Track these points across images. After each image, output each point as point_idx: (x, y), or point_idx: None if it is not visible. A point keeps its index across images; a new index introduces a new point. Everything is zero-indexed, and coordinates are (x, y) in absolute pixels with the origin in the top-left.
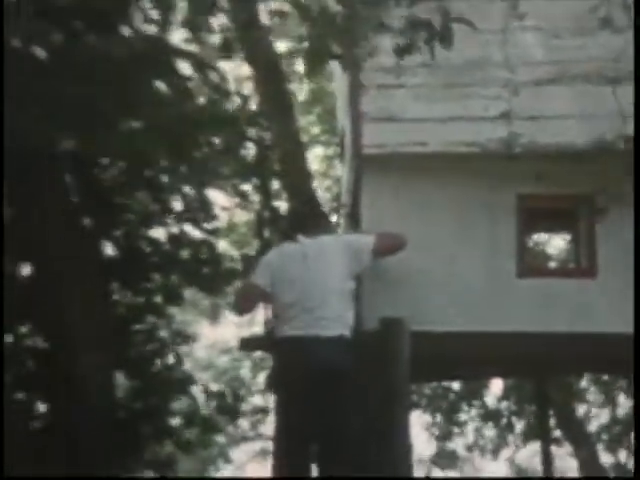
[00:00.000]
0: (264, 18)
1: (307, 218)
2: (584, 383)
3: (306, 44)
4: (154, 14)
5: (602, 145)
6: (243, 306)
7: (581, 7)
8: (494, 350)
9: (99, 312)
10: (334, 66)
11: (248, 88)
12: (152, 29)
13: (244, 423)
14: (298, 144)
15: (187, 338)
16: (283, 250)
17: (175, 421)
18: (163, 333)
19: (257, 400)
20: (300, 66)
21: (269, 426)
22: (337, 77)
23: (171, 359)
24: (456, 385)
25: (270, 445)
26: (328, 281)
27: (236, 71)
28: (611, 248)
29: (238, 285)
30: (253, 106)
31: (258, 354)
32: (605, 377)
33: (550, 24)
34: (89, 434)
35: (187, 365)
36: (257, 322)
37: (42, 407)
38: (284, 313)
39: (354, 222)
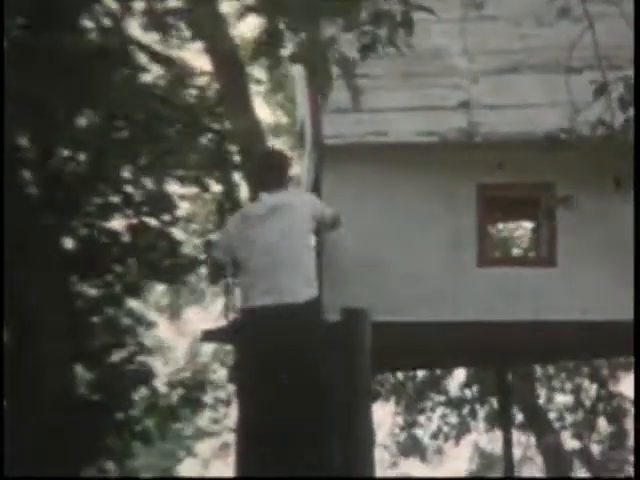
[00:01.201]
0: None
1: (267, 171)
2: (549, 370)
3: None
4: (113, 5)
5: (561, 133)
6: (211, 279)
7: None
8: (456, 339)
9: (58, 303)
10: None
11: (206, 78)
12: (109, 21)
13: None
14: (258, 134)
15: (149, 324)
16: (243, 212)
17: (134, 412)
18: (125, 322)
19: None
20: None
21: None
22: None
23: (131, 349)
24: (420, 374)
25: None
26: (291, 238)
27: (194, 61)
28: (572, 237)
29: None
30: (211, 95)
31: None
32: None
33: (509, 13)
34: (46, 424)
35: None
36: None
37: None
38: (246, 278)
39: None
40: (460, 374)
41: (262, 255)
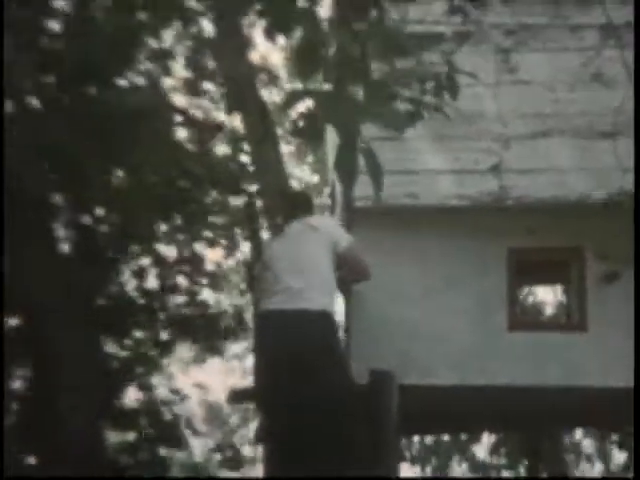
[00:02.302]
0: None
1: (293, 209)
2: (577, 436)
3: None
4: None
5: (594, 200)
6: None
7: (574, 61)
8: (484, 404)
9: (88, 361)
10: None
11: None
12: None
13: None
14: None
15: (183, 396)
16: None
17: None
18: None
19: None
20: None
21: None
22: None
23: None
24: (447, 438)
25: None
26: (311, 249)
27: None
28: (603, 302)
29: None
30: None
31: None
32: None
33: (542, 77)
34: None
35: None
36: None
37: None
38: (264, 284)
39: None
40: (488, 439)
41: (280, 261)
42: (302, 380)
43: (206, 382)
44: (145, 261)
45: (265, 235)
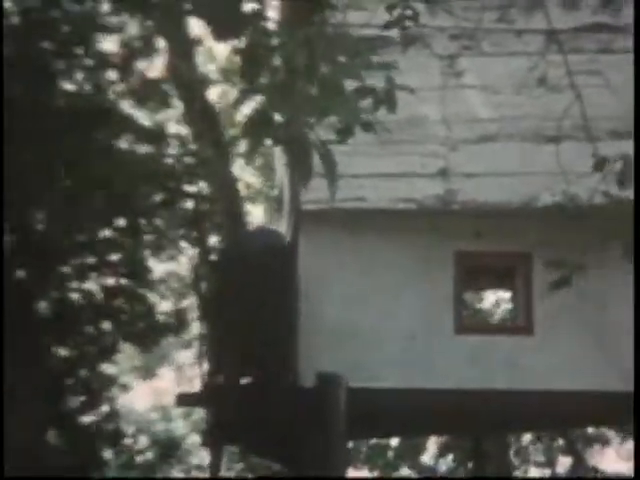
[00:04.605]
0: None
1: None
2: (524, 440)
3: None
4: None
5: (539, 203)
6: None
7: (519, 65)
8: (432, 407)
9: (31, 365)
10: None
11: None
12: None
13: None
14: (236, 198)
15: (122, 387)
16: None
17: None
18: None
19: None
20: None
21: None
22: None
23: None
24: (394, 441)
25: None
26: None
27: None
28: (549, 307)
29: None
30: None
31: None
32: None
33: (488, 82)
34: None
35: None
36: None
37: None
38: None
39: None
40: (434, 442)
41: None
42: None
43: (161, 388)
44: (88, 262)
45: (213, 239)
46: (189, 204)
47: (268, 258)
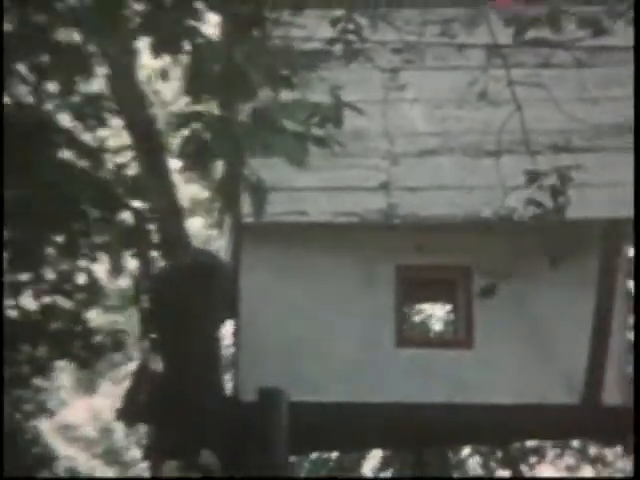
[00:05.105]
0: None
1: None
2: (464, 453)
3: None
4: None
5: (480, 218)
6: None
7: (460, 80)
8: (372, 420)
9: None
10: None
11: (126, 156)
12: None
13: None
14: (177, 213)
15: (48, 411)
16: None
17: None
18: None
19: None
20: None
21: None
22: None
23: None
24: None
25: None
26: None
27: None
28: (489, 320)
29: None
30: (131, 173)
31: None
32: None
33: (430, 96)
34: None
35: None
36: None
37: None
38: None
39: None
40: (375, 455)
41: None
42: None
43: (99, 405)
44: (23, 279)
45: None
46: (129, 219)
47: (198, 279)
